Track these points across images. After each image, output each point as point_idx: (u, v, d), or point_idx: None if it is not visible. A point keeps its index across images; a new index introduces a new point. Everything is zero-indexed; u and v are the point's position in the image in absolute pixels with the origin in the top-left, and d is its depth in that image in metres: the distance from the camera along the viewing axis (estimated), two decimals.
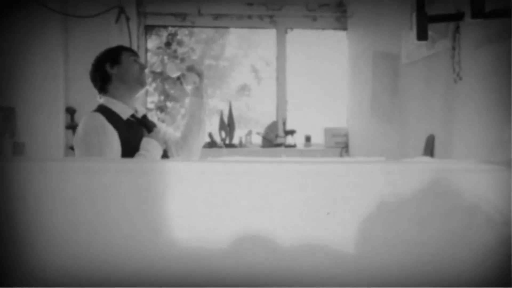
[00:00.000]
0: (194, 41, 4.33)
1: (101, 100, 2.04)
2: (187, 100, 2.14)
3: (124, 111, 1.99)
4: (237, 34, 4.37)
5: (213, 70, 4.35)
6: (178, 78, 2.10)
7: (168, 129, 2.21)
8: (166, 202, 1.02)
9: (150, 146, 1.94)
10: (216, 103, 4.37)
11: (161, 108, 3.97)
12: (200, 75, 2.09)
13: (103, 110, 1.97)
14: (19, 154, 3.46)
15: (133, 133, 1.97)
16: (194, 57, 4.29)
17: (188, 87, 2.12)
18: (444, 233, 1.04)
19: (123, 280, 0.99)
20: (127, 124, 1.97)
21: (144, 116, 2.08)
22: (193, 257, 1.01)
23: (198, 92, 2.10)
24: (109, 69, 2.02)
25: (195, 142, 2.13)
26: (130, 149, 1.91)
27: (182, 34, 4.28)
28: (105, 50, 2.09)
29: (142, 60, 2.23)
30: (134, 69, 2.03)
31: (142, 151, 1.93)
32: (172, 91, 2.13)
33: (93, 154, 1.82)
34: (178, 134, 2.19)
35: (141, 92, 2.09)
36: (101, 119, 1.90)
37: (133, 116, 2.02)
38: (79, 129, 1.92)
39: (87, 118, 1.93)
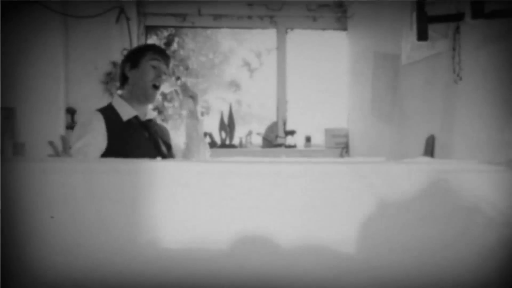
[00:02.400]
0: (192, 40, 4.33)
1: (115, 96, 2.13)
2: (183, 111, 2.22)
3: (126, 112, 2.06)
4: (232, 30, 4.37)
5: (208, 67, 4.35)
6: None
7: (176, 139, 2.25)
8: (167, 203, 1.02)
9: None
10: (218, 103, 4.37)
11: (159, 110, 3.98)
12: (194, 98, 2.13)
13: (106, 108, 2.06)
14: (19, 155, 3.46)
15: (132, 133, 2.03)
16: (191, 53, 4.28)
17: (183, 112, 2.20)
18: (444, 234, 1.04)
19: (123, 281, 0.99)
20: (126, 125, 2.03)
21: (150, 120, 2.13)
22: (193, 258, 1.01)
23: (193, 114, 2.15)
24: (127, 71, 2.10)
25: (197, 159, 2.17)
26: (127, 149, 1.97)
27: (182, 34, 4.27)
28: (134, 48, 2.23)
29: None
30: (148, 76, 2.06)
31: None
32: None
33: (72, 142, 1.88)
34: (182, 145, 2.22)
35: (151, 103, 2.14)
36: (94, 118, 1.98)
37: (136, 117, 2.07)
38: None
39: (87, 114, 2.07)
